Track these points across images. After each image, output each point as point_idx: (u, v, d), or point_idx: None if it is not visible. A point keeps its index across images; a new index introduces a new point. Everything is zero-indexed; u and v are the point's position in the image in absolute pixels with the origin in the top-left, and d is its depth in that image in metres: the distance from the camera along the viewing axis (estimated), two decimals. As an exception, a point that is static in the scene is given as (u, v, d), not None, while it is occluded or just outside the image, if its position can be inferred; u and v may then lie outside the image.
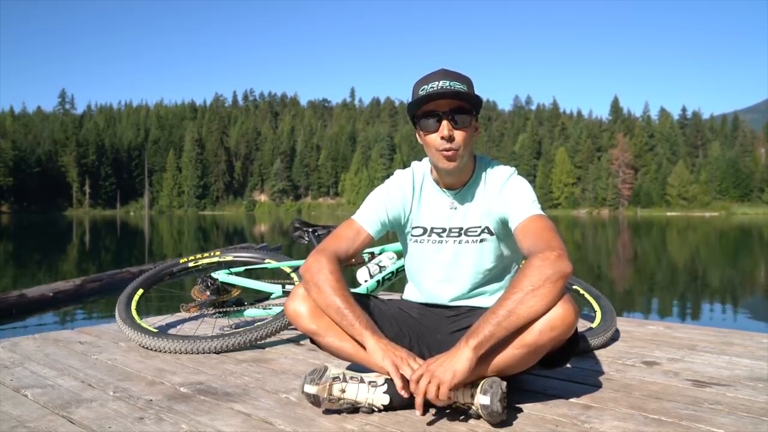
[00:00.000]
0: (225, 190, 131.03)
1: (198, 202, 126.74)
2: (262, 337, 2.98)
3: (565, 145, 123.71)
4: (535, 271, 1.82)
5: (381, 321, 2.16)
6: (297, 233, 3.70)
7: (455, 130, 2.05)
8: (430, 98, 2.03)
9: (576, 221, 58.90)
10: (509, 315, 1.80)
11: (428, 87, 2.06)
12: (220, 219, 71.02)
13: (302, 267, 2.13)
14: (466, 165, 2.16)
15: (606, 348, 2.96)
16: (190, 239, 28.90)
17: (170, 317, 3.80)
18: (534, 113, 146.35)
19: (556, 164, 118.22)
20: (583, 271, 12.07)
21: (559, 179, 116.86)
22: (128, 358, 2.79)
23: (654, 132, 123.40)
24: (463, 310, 2.26)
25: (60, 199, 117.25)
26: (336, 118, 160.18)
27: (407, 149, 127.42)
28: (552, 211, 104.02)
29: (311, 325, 2.07)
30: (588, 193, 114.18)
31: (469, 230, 2.20)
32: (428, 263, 2.26)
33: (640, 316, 7.35)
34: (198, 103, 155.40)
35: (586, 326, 3.19)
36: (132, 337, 3.01)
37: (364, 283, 3.10)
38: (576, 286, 3.44)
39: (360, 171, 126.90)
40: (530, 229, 1.99)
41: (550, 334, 1.83)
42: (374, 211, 2.25)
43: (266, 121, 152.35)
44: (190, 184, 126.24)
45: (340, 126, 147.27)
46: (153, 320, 3.62)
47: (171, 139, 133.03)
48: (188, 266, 3.63)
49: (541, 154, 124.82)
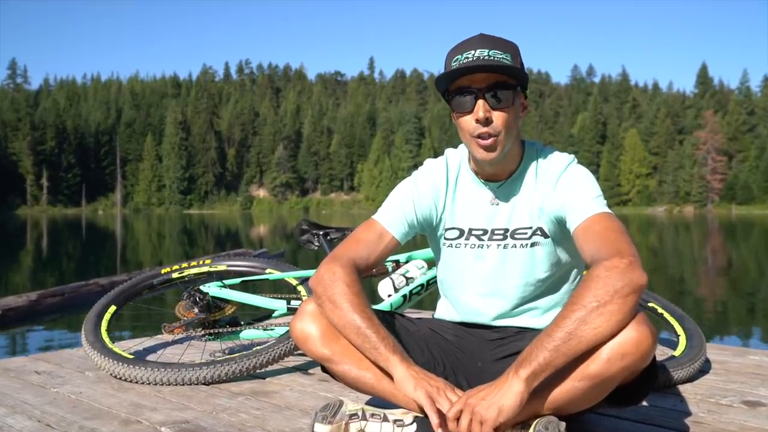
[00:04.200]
0: (215, 184, 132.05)
1: (182, 198, 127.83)
2: (263, 364, 3.00)
3: (637, 126, 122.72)
4: (600, 284, 1.81)
5: (408, 345, 2.17)
6: (305, 237, 3.71)
7: (494, 111, 2.05)
8: (463, 71, 2.04)
9: (651, 221, 58.39)
10: (569, 338, 1.80)
11: (462, 57, 2.06)
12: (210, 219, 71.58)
13: (312, 278, 2.14)
14: (512, 152, 2.16)
15: (693, 382, 2.94)
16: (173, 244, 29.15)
17: (149, 340, 3.84)
18: (597, 87, 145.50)
19: (625, 150, 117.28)
20: (661, 285, 11.97)
21: (629, 169, 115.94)
22: (97, 392, 2.82)
23: (755, 108, 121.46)
24: (510, 331, 2.26)
25: (11, 195, 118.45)
26: (351, 95, 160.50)
27: (438, 133, 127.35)
28: (620, 209, 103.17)
29: (323, 350, 2.09)
30: (666, 186, 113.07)
31: (516, 232, 2.20)
32: (466, 274, 2.27)
33: (737, 342, 7.28)
34: (182, 77, 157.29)
35: (667, 354, 3.17)
36: (102, 364, 3.05)
37: (387, 298, 3.11)
38: (653, 303, 3.42)
39: (381, 160, 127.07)
40: (594, 231, 1.99)
41: (621, 363, 1.82)
42: (400, 210, 2.26)
43: (266, 99, 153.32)
44: (172, 176, 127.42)
45: (356, 105, 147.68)
46: (128, 344, 3.66)
47: (149, 121, 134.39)
48: (171, 277, 3.67)
49: (607, 137, 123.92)
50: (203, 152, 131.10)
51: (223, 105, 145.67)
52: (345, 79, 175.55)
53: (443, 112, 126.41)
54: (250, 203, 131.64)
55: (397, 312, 2.43)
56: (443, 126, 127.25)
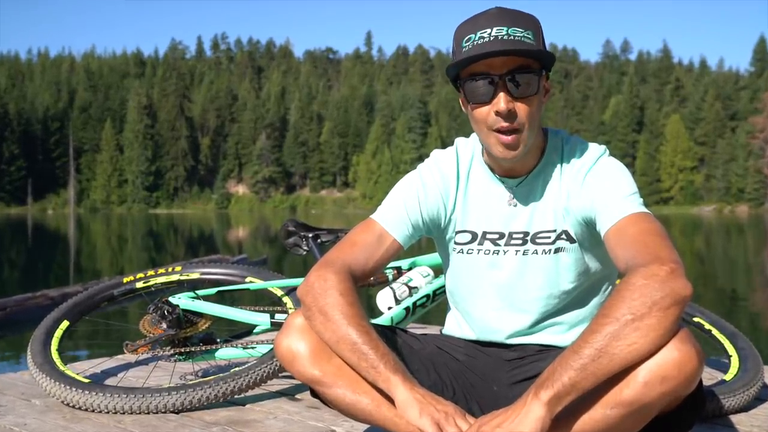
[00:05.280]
0: (186, 179, 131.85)
1: (147, 196, 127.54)
2: (242, 388, 3.01)
3: (680, 111, 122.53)
4: (636, 294, 1.81)
5: (412, 365, 2.18)
6: (291, 240, 3.72)
7: (517, 102, 2.06)
8: (476, 57, 2.03)
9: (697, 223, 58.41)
10: (599, 356, 1.79)
11: (476, 38, 2.06)
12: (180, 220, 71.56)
13: (300, 287, 2.15)
14: (533, 144, 2.16)
15: (748, 412, 2.94)
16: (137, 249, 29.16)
17: (108, 361, 3.84)
18: (634, 65, 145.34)
19: (666, 140, 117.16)
20: (709, 297, 11.98)
21: (671, 162, 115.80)
22: (46, 423, 2.82)
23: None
24: (531, 350, 2.27)
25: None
26: (345, 76, 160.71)
27: (447, 120, 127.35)
28: (660, 209, 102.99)
29: (313, 370, 2.09)
30: (715, 181, 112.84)
31: (538, 236, 2.21)
32: (479, 283, 2.28)
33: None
34: (146, 54, 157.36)
35: (716, 378, 3.18)
36: (52, 390, 3.05)
37: (387, 311, 3.12)
38: (699, 318, 3.43)
39: (380, 151, 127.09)
40: (628, 234, 2.00)
41: (660, 388, 1.82)
42: (403, 209, 2.27)
43: (245, 79, 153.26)
44: (135, 170, 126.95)
45: (351, 87, 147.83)
46: (83, 366, 3.66)
47: (107, 105, 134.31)
48: (135, 287, 3.68)
49: (645, 125, 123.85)
50: (172, 142, 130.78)
51: (195, 87, 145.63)
52: (338, 57, 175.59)
53: (452, 95, 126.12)
54: (227, 201, 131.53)
55: (399, 327, 2.44)
56: (452, 112, 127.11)
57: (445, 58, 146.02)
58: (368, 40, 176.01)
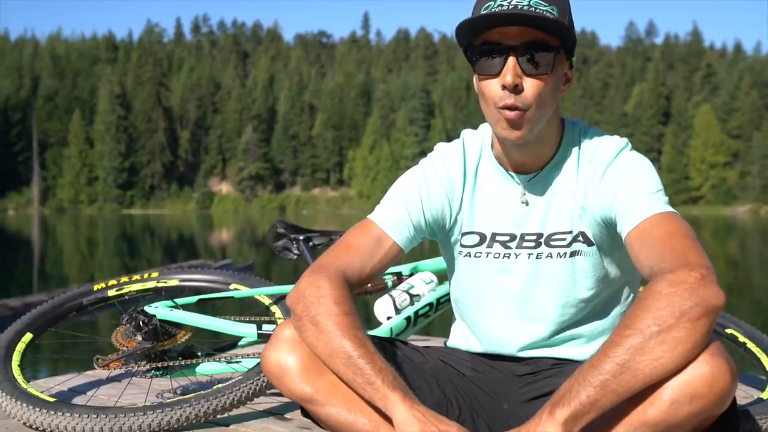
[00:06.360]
0: (164, 176, 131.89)
1: (121, 194, 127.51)
2: (225, 407, 3.01)
3: (712, 100, 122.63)
4: (662, 303, 1.82)
5: (414, 381, 2.19)
6: (280, 243, 3.73)
7: (526, 77, 2.07)
8: (491, 21, 2.05)
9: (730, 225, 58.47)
10: (621, 371, 1.80)
11: (495, 4, 2.07)
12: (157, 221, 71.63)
13: (290, 295, 2.16)
14: (548, 135, 2.18)
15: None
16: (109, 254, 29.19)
17: (77, 378, 3.84)
18: (660, 50, 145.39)
19: (696, 133, 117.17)
20: (744, 307, 11.98)
21: (701, 157, 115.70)
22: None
23: None
24: (545, 364, 2.28)
25: None
26: (340, 63, 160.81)
27: (452, 111, 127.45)
28: (689, 209, 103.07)
29: (304, 387, 2.10)
30: (751, 179, 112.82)
31: (552, 238, 2.22)
32: (488, 290, 2.28)
33: None
34: (119, 37, 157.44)
35: (752, 397, 3.18)
36: (12, 411, 3.04)
37: (386, 321, 3.12)
38: (732, 329, 3.43)
39: (378, 146, 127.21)
40: (653, 236, 2.00)
41: (689, 408, 1.82)
42: (403, 209, 2.28)
43: (229, 66, 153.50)
44: (107, 165, 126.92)
45: (346, 74, 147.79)
46: (48, 383, 3.65)
47: (75, 93, 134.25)
48: (107, 296, 3.67)
49: (672, 116, 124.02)
50: (148, 135, 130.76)
51: (173, 74, 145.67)
52: (332, 42, 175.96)
53: (458, 85, 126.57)
54: (209, 201, 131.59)
55: (399, 339, 2.44)
56: (458, 102, 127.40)
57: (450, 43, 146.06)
58: (365, 23, 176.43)
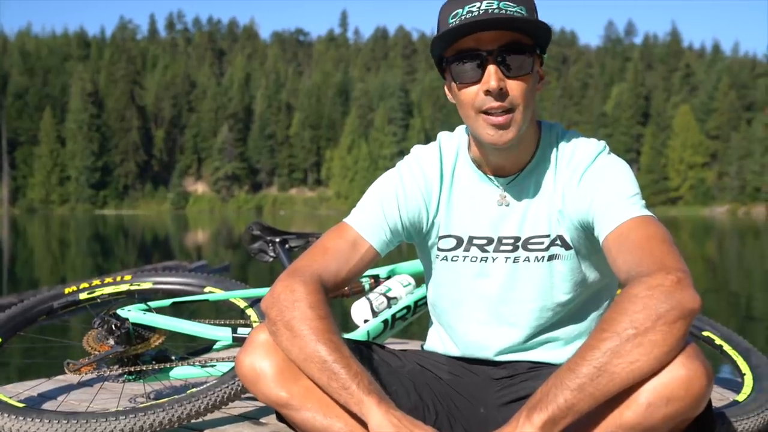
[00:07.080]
0: (138, 176, 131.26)
1: (94, 194, 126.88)
2: (200, 411, 3.00)
3: (690, 101, 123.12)
4: (639, 306, 1.82)
5: (390, 385, 2.19)
6: (256, 245, 3.72)
7: (508, 80, 2.07)
8: (468, 29, 2.05)
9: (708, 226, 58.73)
10: (598, 375, 1.80)
11: (463, 12, 2.07)
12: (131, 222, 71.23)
13: (265, 299, 2.15)
14: (526, 137, 2.18)
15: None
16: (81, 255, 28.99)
17: (47, 382, 3.81)
18: (639, 50, 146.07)
19: (674, 133, 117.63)
20: (721, 310, 12.04)
21: (679, 158, 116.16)
22: (-23, 450, 2.81)
23: None
24: (522, 368, 2.29)
25: None
26: (318, 61, 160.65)
27: (431, 111, 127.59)
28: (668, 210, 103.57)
29: (279, 392, 2.09)
30: (729, 179, 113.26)
31: (530, 241, 2.23)
32: (466, 294, 2.29)
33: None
34: (91, 33, 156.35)
35: (728, 399, 3.19)
36: (-17, 415, 3.03)
37: (363, 324, 3.12)
38: (709, 332, 3.44)
39: (356, 145, 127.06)
40: (630, 240, 2.01)
41: (665, 410, 1.83)
42: (380, 212, 2.28)
43: (205, 64, 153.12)
44: (79, 165, 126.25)
45: (323, 73, 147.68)
46: (17, 388, 3.63)
47: (46, 91, 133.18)
48: (78, 299, 3.64)
49: (650, 116, 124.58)
50: (121, 134, 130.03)
51: (147, 72, 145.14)
52: (309, 40, 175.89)
53: (437, 83, 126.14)
54: (184, 201, 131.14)
55: (375, 342, 2.44)
56: (437, 101, 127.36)
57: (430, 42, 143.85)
58: (343, 21, 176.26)
